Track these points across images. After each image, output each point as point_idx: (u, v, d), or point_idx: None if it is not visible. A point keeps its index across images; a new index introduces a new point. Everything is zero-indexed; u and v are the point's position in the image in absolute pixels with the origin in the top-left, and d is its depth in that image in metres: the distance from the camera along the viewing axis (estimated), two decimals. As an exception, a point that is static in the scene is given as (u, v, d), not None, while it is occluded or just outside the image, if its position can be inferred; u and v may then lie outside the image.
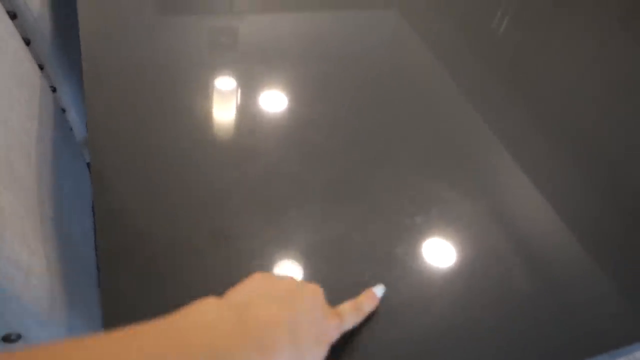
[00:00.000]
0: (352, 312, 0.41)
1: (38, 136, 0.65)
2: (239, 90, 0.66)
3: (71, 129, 0.96)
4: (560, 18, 0.94)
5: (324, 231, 0.50)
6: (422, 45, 0.79)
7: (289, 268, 0.47)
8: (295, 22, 0.80)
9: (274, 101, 0.65)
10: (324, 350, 0.35)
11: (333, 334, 0.38)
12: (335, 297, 0.41)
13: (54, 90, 0.93)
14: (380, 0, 0.89)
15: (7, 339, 0.51)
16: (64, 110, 0.97)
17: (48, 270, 0.52)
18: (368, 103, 0.67)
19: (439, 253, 0.50)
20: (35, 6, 0.80)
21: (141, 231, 0.47)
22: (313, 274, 0.47)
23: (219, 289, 0.36)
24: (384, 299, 0.45)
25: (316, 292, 0.37)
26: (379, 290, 0.45)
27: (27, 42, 0.82)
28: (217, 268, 0.46)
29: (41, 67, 0.86)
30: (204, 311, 0.31)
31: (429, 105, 0.68)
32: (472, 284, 0.48)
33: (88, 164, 0.97)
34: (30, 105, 0.65)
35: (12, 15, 0.78)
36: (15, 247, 0.46)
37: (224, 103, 0.63)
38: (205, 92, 0.64)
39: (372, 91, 0.69)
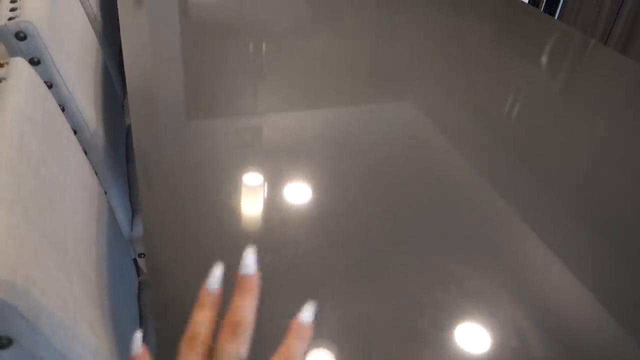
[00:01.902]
0: None
1: (97, 233, 0.74)
2: (266, 185, 0.74)
3: (119, 227, 1.06)
4: (568, 99, 1.02)
5: (351, 310, 0.56)
6: (437, 133, 0.87)
7: (322, 346, 0.53)
8: (315, 119, 0.90)
9: (299, 193, 0.73)
10: None
11: None
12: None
13: (104, 193, 1.04)
14: (395, 94, 0.99)
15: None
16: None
17: (110, 353, 0.58)
18: (386, 190, 0.74)
19: (461, 327, 0.55)
20: (92, 124, 0.93)
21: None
22: (343, 349, 0.52)
23: None
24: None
25: None
26: (307, 315, 0.33)
27: (84, 153, 0.95)
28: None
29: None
30: None
31: (445, 189, 0.75)
32: (493, 356, 0.52)
33: (134, 260, 1.05)
34: (89, 207, 0.75)
35: (74, 132, 0.91)
36: (86, 333, 0.53)
37: (253, 197, 0.72)
38: (237, 188, 0.73)
39: (390, 179, 0.77)
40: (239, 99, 0.93)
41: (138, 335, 0.35)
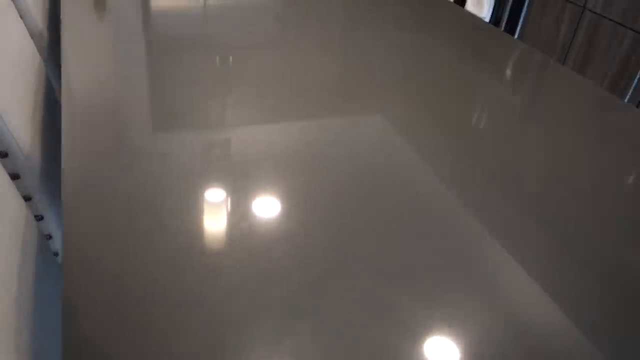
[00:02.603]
0: None
1: (20, 265, 0.69)
2: (232, 200, 0.71)
3: (56, 254, 1.00)
4: (538, 106, 1.03)
5: (332, 336, 0.53)
6: (407, 147, 0.87)
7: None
8: (286, 131, 0.88)
9: (268, 207, 0.71)
10: None
11: None
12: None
13: (40, 218, 0.99)
14: (365, 107, 0.98)
15: None
16: (50, 237, 1.02)
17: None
18: (357, 205, 0.73)
19: (444, 352, 0.54)
20: (25, 147, 0.88)
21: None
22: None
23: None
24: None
25: None
26: None
27: (16, 177, 0.89)
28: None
29: (28, 199, 0.92)
30: None
31: (419, 205, 0.74)
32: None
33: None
34: (12, 237, 0.70)
35: (4, 154, 0.86)
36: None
37: (216, 213, 0.69)
38: (199, 203, 0.70)
39: (360, 193, 0.75)
40: (203, 113, 0.90)
41: None
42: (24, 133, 0.89)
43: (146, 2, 1.38)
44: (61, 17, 1.19)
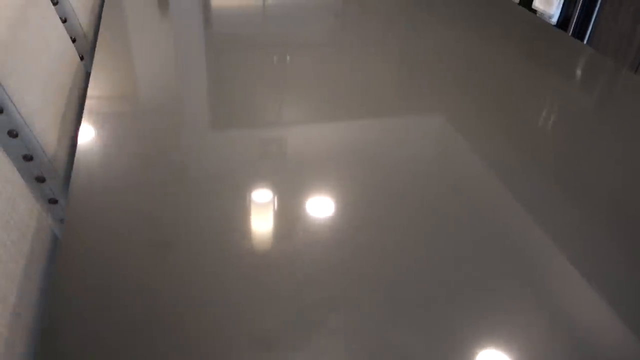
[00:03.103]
0: None
1: (35, 266, 0.69)
2: (286, 198, 0.69)
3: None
4: (598, 122, 0.93)
5: (376, 340, 0.49)
6: (470, 149, 0.81)
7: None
8: (344, 130, 0.85)
9: (321, 208, 0.68)
10: None
11: None
12: None
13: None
14: (426, 107, 0.93)
15: None
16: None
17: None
18: (416, 209, 0.69)
19: None
20: (49, 150, 0.88)
21: None
22: None
23: None
24: None
25: None
26: None
27: (42, 180, 0.90)
28: None
29: (54, 201, 0.93)
30: None
31: (478, 211, 0.69)
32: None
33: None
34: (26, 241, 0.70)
35: (29, 158, 0.87)
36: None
37: (266, 212, 0.67)
38: (252, 200, 0.68)
39: (420, 196, 0.71)
40: (262, 111, 0.89)
41: None
42: (49, 136, 0.90)
43: (204, 1, 1.38)
44: (101, 20, 1.21)
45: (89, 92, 0.93)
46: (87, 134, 0.84)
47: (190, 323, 0.54)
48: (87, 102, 0.91)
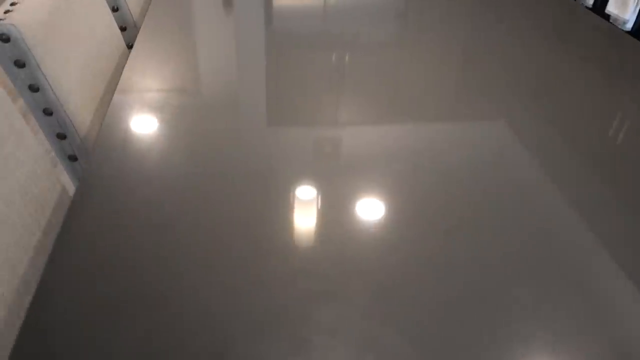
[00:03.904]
0: None
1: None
2: (338, 198, 0.68)
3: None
4: None
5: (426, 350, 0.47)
6: (530, 157, 0.77)
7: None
8: (399, 133, 0.83)
9: (374, 210, 0.66)
10: None
11: None
12: None
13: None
14: (488, 112, 0.89)
15: None
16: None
17: None
18: (472, 218, 0.66)
19: None
20: (82, 130, 0.92)
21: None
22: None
23: None
24: None
25: None
26: None
27: (74, 159, 0.94)
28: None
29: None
30: None
31: (539, 225, 0.65)
32: None
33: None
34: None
35: (62, 136, 0.91)
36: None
37: (313, 209, 0.66)
38: (300, 200, 0.68)
39: (475, 207, 0.68)
40: (317, 111, 0.89)
41: None
42: (83, 117, 0.93)
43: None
44: (148, 10, 1.25)
45: (122, 78, 0.96)
46: (115, 116, 0.86)
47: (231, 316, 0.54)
48: (119, 86, 0.93)
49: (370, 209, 0.67)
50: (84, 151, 0.93)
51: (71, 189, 0.89)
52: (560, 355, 0.50)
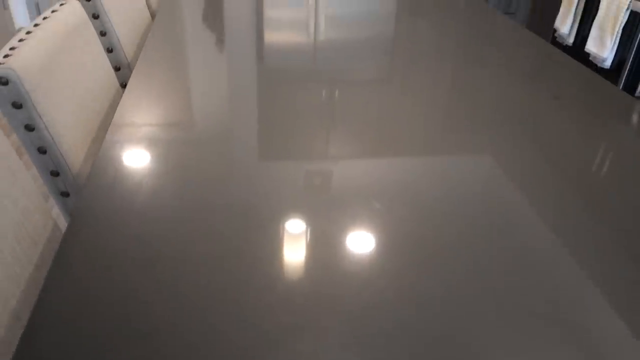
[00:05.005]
0: None
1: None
2: (324, 234, 0.71)
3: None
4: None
5: None
6: (516, 192, 0.81)
7: None
8: (386, 168, 0.87)
9: (364, 244, 0.69)
10: None
11: None
12: None
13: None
14: (473, 146, 0.94)
15: None
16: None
17: None
18: (460, 252, 0.68)
19: None
20: (75, 167, 0.95)
21: None
22: None
23: None
24: None
25: None
26: None
27: (66, 195, 0.97)
28: None
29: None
30: None
31: (523, 256, 0.68)
32: None
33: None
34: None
35: (55, 174, 0.94)
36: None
37: (298, 245, 0.69)
38: (290, 234, 0.71)
39: (461, 242, 0.70)
40: (304, 145, 0.92)
41: None
42: (76, 155, 0.97)
43: (254, 35, 1.45)
44: (142, 50, 1.30)
45: (116, 116, 1.00)
46: (108, 153, 0.90)
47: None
48: (113, 123, 0.97)
49: (355, 241, 0.70)
50: (76, 187, 0.96)
51: (62, 223, 0.92)
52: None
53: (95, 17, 1.32)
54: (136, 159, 0.87)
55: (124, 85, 1.35)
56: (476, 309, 0.61)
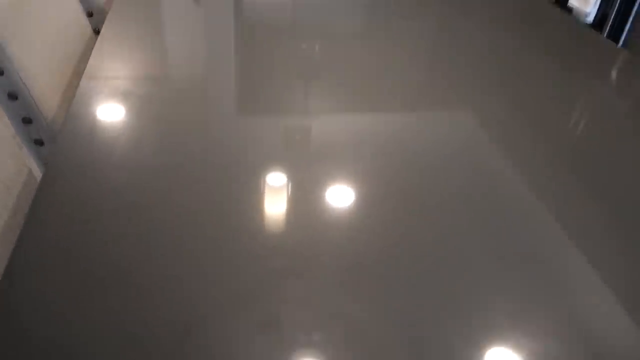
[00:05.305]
0: None
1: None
2: (306, 187, 0.69)
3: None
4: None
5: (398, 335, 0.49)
6: (496, 147, 0.80)
7: None
8: (367, 122, 0.84)
9: (339, 200, 0.67)
10: None
11: None
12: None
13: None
14: (455, 101, 0.91)
15: None
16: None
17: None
18: (435, 206, 0.67)
19: None
20: (49, 113, 0.91)
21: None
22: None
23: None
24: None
25: None
26: None
27: (40, 143, 0.94)
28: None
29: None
30: None
31: (500, 211, 0.67)
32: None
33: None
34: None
35: (27, 121, 0.90)
36: None
37: (280, 197, 0.67)
38: (271, 187, 0.69)
39: (441, 193, 0.70)
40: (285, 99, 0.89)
41: None
42: (50, 101, 0.93)
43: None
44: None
45: (90, 63, 0.95)
46: (82, 102, 0.86)
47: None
48: (87, 71, 0.93)
49: (337, 194, 0.69)
50: (51, 135, 0.92)
51: (37, 172, 0.89)
52: (521, 326, 0.53)
53: (64, -43, 1.24)
54: (112, 110, 0.83)
55: (97, 31, 1.29)
56: (460, 248, 0.61)
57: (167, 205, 0.65)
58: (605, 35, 2.39)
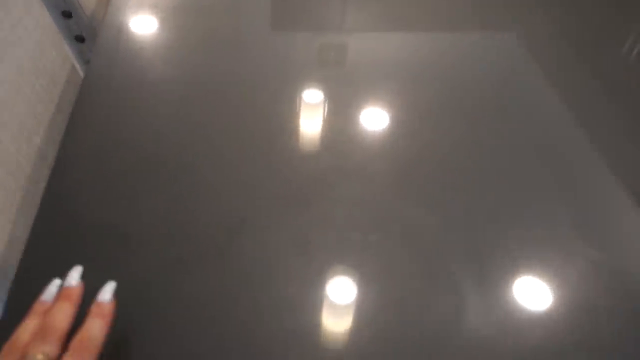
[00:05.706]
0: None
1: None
2: (342, 106, 0.65)
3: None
4: None
5: (421, 261, 0.48)
6: (540, 73, 0.72)
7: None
8: (407, 42, 0.78)
9: (375, 120, 0.63)
10: None
11: None
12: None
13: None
14: (500, 22, 0.84)
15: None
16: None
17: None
18: (475, 131, 0.63)
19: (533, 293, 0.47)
20: (88, 7, 0.88)
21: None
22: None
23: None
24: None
25: None
26: (107, 293, 0.37)
27: (81, 40, 0.91)
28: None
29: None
30: None
31: (540, 138, 0.62)
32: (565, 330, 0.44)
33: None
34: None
35: (68, 14, 0.87)
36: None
37: (317, 116, 0.64)
38: (306, 105, 0.65)
39: (480, 118, 0.64)
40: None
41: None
42: (89, -5, 0.89)
43: None
44: None
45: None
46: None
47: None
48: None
49: (374, 113, 0.64)
50: (91, 31, 0.89)
51: (79, 71, 0.87)
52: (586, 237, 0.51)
53: None
54: (145, 17, 0.79)
55: None
56: (520, 158, 0.59)
57: (208, 110, 0.62)
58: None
